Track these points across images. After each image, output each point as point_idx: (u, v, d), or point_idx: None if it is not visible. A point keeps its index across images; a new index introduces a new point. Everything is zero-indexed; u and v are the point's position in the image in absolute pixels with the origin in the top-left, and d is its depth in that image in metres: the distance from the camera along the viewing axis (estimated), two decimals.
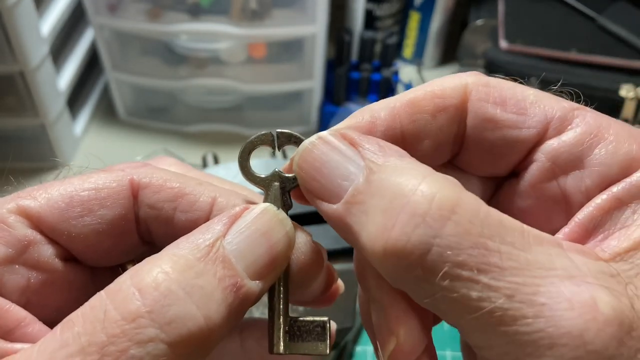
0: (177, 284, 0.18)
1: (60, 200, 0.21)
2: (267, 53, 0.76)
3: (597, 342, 0.16)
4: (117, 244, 0.22)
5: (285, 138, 0.22)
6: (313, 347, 0.21)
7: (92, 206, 0.21)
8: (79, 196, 0.21)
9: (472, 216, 0.17)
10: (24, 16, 0.62)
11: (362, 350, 0.61)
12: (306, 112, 0.82)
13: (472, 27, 0.85)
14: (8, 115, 0.72)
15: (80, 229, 0.21)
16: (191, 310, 0.17)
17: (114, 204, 0.21)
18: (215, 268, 0.19)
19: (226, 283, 0.19)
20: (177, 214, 0.22)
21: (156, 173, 0.22)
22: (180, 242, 0.19)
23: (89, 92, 0.86)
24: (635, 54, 0.77)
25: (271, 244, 0.20)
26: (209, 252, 0.19)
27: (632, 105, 0.73)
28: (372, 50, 0.78)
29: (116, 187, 0.22)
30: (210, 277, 0.18)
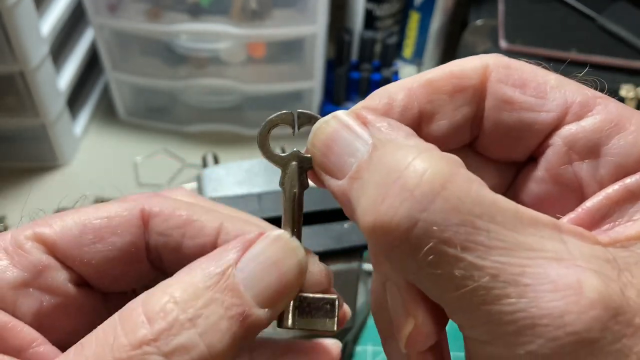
0: (184, 313, 0.18)
1: (74, 227, 0.22)
2: (267, 53, 0.76)
3: (578, 324, 0.16)
4: (128, 270, 0.23)
5: (306, 118, 0.22)
6: (321, 323, 0.21)
7: (104, 234, 0.22)
8: (92, 224, 0.22)
9: (463, 193, 0.17)
10: (24, 16, 0.62)
11: (362, 350, 0.62)
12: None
13: (472, 27, 0.85)
14: (8, 115, 0.72)
15: (92, 255, 0.22)
16: (194, 340, 0.18)
17: (124, 232, 0.22)
18: (224, 297, 0.19)
19: (233, 312, 0.19)
20: (186, 240, 0.23)
21: (166, 202, 0.23)
22: (193, 267, 0.20)
23: (89, 92, 0.86)
24: (635, 54, 0.77)
25: (282, 272, 0.20)
26: (219, 280, 0.19)
27: (632, 105, 0.74)
28: (372, 50, 0.78)
29: (127, 215, 0.23)
30: (217, 307, 0.19)
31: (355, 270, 0.35)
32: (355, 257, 0.35)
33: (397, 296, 0.20)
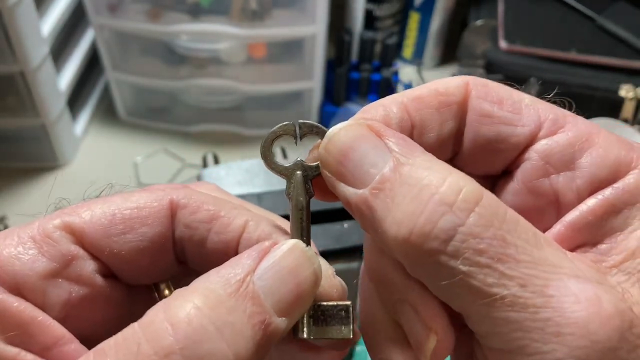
0: (209, 320, 0.18)
1: (103, 217, 0.22)
2: (267, 53, 0.76)
3: (601, 333, 0.18)
4: (155, 262, 0.23)
5: (307, 128, 0.22)
6: (337, 331, 0.22)
7: (134, 224, 0.22)
8: (122, 214, 0.22)
9: (494, 211, 0.19)
10: (24, 16, 0.62)
11: (362, 350, 0.62)
12: (306, 112, 0.82)
13: (472, 27, 0.85)
14: (9, 116, 0.72)
15: (121, 245, 0.22)
16: (222, 348, 0.18)
17: (154, 223, 0.22)
18: (245, 304, 0.19)
19: (255, 320, 0.19)
20: (211, 235, 0.23)
21: (194, 195, 0.23)
22: (211, 275, 0.20)
23: (89, 92, 0.86)
24: (634, 54, 0.77)
25: (298, 281, 0.20)
26: (239, 287, 0.19)
27: (632, 105, 0.74)
28: (372, 50, 0.78)
29: (157, 206, 0.22)
30: (241, 314, 0.19)
31: (356, 270, 0.35)
32: (355, 257, 0.35)
33: (414, 316, 0.21)
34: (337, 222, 0.35)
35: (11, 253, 0.20)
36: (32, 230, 0.21)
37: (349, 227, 0.35)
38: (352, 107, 0.77)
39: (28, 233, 0.21)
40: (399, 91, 0.67)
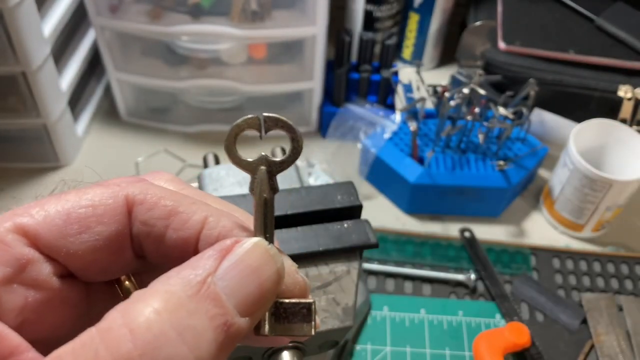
0: (169, 325, 0.17)
1: (57, 217, 0.21)
2: (268, 54, 0.76)
3: None
4: (113, 259, 0.22)
5: (272, 122, 0.22)
6: (298, 328, 0.21)
7: (90, 223, 0.21)
8: (77, 213, 0.21)
9: None
10: (25, 17, 0.63)
11: (362, 348, 0.62)
12: (307, 113, 0.82)
13: (471, 28, 0.86)
14: (10, 116, 0.72)
15: (78, 245, 0.21)
16: (183, 352, 0.17)
17: (110, 221, 0.21)
18: (207, 306, 0.18)
19: (217, 322, 0.18)
20: (169, 231, 0.21)
21: (151, 190, 0.22)
22: (171, 277, 0.19)
23: (90, 92, 0.86)
24: (633, 55, 0.78)
25: (261, 281, 0.20)
26: (200, 289, 0.18)
27: (630, 105, 0.74)
28: (372, 51, 0.79)
29: (112, 203, 0.21)
30: (202, 316, 0.18)
31: (355, 270, 0.35)
32: (355, 257, 0.36)
33: None
34: (337, 222, 0.35)
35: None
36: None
37: (349, 227, 0.35)
38: (352, 108, 0.77)
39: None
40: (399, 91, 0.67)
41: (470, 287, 0.68)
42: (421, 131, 0.76)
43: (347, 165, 0.77)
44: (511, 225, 0.75)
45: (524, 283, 0.68)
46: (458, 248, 0.72)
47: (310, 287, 0.22)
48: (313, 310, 0.21)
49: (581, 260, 0.72)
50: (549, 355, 0.62)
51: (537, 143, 0.76)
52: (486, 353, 0.59)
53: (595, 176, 0.66)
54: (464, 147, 0.74)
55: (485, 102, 0.72)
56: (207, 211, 0.21)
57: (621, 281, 0.69)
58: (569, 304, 0.66)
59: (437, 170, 0.71)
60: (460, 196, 0.72)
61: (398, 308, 0.65)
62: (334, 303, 0.35)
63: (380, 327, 0.64)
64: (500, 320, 0.65)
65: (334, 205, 0.35)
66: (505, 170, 0.72)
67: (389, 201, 0.77)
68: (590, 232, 0.73)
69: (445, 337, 0.64)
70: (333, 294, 0.35)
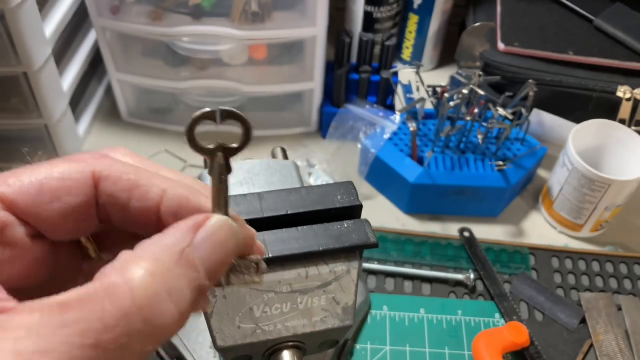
0: (161, 286, 0.21)
1: (31, 187, 0.24)
2: (268, 55, 0.76)
3: None
4: (80, 224, 0.25)
5: (227, 115, 0.25)
6: (250, 279, 0.26)
7: (60, 194, 0.24)
8: (49, 185, 0.24)
9: None
10: (27, 18, 0.63)
11: (361, 348, 0.62)
12: (307, 113, 0.83)
13: (470, 29, 0.86)
14: (12, 116, 0.72)
15: (49, 212, 0.24)
16: (170, 308, 0.21)
17: (78, 192, 0.24)
18: (187, 271, 0.22)
19: (194, 284, 0.22)
20: (132, 202, 0.25)
21: (115, 165, 0.25)
22: (156, 244, 0.23)
23: (91, 93, 0.86)
24: (631, 55, 0.78)
25: (226, 251, 0.24)
26: (181, 257, 0.22)
27: (629, 106, 0.74)
28: (372, 52, 0.79)
29: (80, 178, 0.24)
30: (183, 279, 0.22)
31: (355, 269, 0.36)
32: (355, 257, 0.36)
33: None
34: (337, 221, 0.35)
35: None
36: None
37: (349, 226, 0.35)
38: (352, 108, 0.77)
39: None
40: (399, 92, 0.67)
41: (470, 286, 0.68)
42: (420, 131, 0.77)
43: (347, 165, 0.77)
44: (510, 225, 0.76)
45: (523, 282, 0.68)
46: (457, 248, 0.72)
47: (262, 249, 0.27)
48: (262, 264, 0.26)
49: (580, 260, 0.72)
50: (548, 354, 0.62)
51: (536, 143, 0.76)
52: (485, 352, 0.59)
53: (594, 176, 0.67)
54: (463, 147, 0.74)
55: (484, 103, 0.72)
56: (165, 183, 0.25)
57: (620, 281, 0.70)
58: (568, 304, 0.67)
59: (437, 170, 0.72)
60: (460, 196, 0.73)
61: (397, 307, 0.66)
62: (334, 302, 0.36)
63: (379, 326, 0.64)
64: (500, 320, 0.65)
65: (333, 205, 0.36)
66: (504, 170, 0.72)
67: (389, 201, 0.77)
68: (588, 232, 0.74)
69: (445, 336, 0.64)
70: (333, 293, 0.35)
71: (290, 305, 0.35)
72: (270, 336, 0.35)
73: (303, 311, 0.35)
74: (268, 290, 0.34)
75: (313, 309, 0.35)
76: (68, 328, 0.19)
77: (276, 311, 0.35)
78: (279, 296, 0.34)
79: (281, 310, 0.35)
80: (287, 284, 0.34)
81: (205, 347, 0.54)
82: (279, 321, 0.35)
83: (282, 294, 0.34)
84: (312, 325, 0.35)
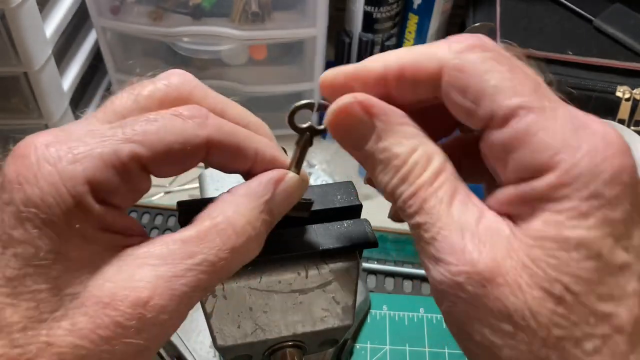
0: (251, 227, 0.27)
1: (161, 151, 0.26)
2: (268, 55, 0.77)
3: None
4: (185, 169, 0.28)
5: (320, 106, 0.30)
6: (302, 213, 0.32)
7: (183, 160, 0.27)
8: (174, 150, 0.26)
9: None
10: (27, 18, 0.63)
11: (361, 347, 0.62)
12: (307, 113, 0.83)
13: (470, 29, 0.86)
14: (12, 116, 0.73)
15: (168, 171, 0.27)
16: (254, 244, 0.27)
17: (195, 157, 0.27)
18: (266, 217, 0.28)
19: (268, 225, 0.28)
20: (230, 162, 0.29)
21: (223, 128, 0.28)
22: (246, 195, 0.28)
23: (92, 93, 0.87)
24: (631, 56, 0.78)
25: (293, 201, 0.30)
26: (264, 206, 0.28)
27: (628, 106, 0.74)
28: (372, 52, 0.79)
29: (198, 143, 0.26)
30: (264, 223, 0.28)
31: (355, 269, 0.36)
32: (355, 257, 0.36)
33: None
34: (337, 221, 0.36)
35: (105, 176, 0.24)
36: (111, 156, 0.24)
37: (349, 226, 0.35)
38: None
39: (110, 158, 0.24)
40: None
41: None
42: None
43: (347, 165, 0.77)
44: None
45: None
46: None
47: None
48: (310, 205, 0.33)
49: None
50: None
51: None
52: None
53: None
54: None
55: None
56: (257, 142, 0.29)
57: None
58: None
59: None
60: None
61: (397, 307, 0.66)
62: (334, 302, 0.36)
63: (379, 325, 0.64)
64: None
65: (333, 205, 0.36)
66: None
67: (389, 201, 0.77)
68: None
69: (445, 335, 0.64)
70: (333, 293, 0.35)
71: (290, 304, 0.35)
72: (270, 336, 0.35)
73: (303, 311, 0.35)
74: (268, 290, 0.34)
75: (313, 308, 0.35)
76: (192, 259, 0.24)
77: (276, 311, 0.35)
78: (278, 296, 0.34)
79: (281, 309, 0.35)
80: (287, 284, 0.34)
81: (205, 347, 0.54)
82: (279, 321, 0.35)
83: (282, 293, 0.34)
84: (312, 324, 0.36)
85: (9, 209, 0.23)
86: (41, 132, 0.25)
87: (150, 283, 0.23)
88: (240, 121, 0.30)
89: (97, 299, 0.23)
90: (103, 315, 0.22)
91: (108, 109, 0.27)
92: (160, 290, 0.23)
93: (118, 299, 0.23)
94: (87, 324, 0.22)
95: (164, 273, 0.24)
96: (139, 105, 0.27)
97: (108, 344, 0.22)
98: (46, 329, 0.22)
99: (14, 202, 0.23)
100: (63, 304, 0.23)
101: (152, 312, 0.23)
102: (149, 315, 0.23)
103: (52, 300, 0.23)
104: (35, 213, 0.22)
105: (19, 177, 0.23)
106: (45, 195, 0.23)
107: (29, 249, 0.22)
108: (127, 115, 0.27)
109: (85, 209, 0.23)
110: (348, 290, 0.36)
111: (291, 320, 0.35)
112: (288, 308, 0.35)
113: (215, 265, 0.25)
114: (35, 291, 0.22)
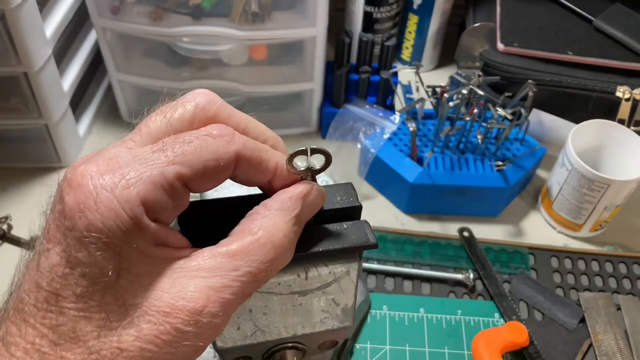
0: (287, 240, 0.30)
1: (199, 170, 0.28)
2: (268, 55, 0.77)
3: None
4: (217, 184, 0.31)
5: (314, 150, 0.31)
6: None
7: (217, 175, 0.29)
8: (209, 168, 0.28)
9: None
10: (27, 18, 0.63)
11: (361, 347, 0.62)
12: (307, 113, 0.83)
13: (470, 29, 0.86)
14: (12, 116, 0.73)
15: (203, 187, 0.29)
16: (289, 254, 0.30)
17: (226, 173, 0.30)
18: (297, 228, 0.31)
19: (298, 234, 0.31)
20: (253, 175, 0.31)
21: (247, 144, 0.30)
22: (280, 210, 0.30)
23: (92, 93, 0.87)
24: (631, 56, 0.78)
25: (316, 210, 0.33)
26: (296, 220, 0.31)
27: (628, 106, 0.74)
28: (372, 52, 0.79)
29: (229, 159, 0.29)
30: (295, 234, 0.31)
31: (355, 270, 0.36)
32: (354, 258, 0.36)
33: None
34: (337, 222, 0.36)
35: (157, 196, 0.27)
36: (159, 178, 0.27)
37: (348, 227, 0.35)
38: (352, 109, 0.78)
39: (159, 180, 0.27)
40: (398, 92, 0.68)
41: (469, 286, 0.68)
42: (420, 132, 0.77)
43: (347, 165, 0.77)
44: (510, 224, 0.76)
45: (523, 282, 0.69)
46: (457, 247, 0.72)
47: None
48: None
49: (579, 260, 0.72)
50: (547, 354, 0.62)
51: (535, 143, 0.76)
52: (485, 352, 0.59)
53: (593, 176, 0.67)
54: (462, 148, 0.74)
55: (483, 103, 0.72)
56: (277, 156, 0.32)
57: (619, 280, 0.70)
58: (567, 303, 0.67)
59: (436, 171, 0.72)
60: (459, 196, 0.73)
61: (397, 307, 0.66)
62: (334, 304, 0.36)
63: (379, 326, 0.64)
64: (499, 319, 0.66)
65: (333, 206, 0.36)
66: (504, 171, 0.72)
67: (388, 201, 0.77)
68: (588, 232, 0.74)
69: (444, 336, 0.64)
70: (332, 294, 0.35)
71: (290, 306, 0.35)
72: (270, 337, 0.35)
73: (303, 312, 0.35)
74: (268, 292, 0.34)
75: (313, 310, 0.35)
76: (237, 271, 0.27)
77: (276, 313, 0.35)
78: (278, 297, 0.34)
79: (281, 311, 0.35)
80: (286, 285, 0.34)
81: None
82: (278, 322, 0.35)
83: (282, 295, 0.34)
84: (311, 326, 0.36)
85: (72, 234, 0.25)
86: (90, 161, 0.27)
87: (203, 293, 0.27)
88: (260, 137, 0.32)
89: (158, 309, 0.26)
90: (165, 323, 0.26)
91: (143, 131, 0.29)
92: (213, 299, 0.27)
93: (177, 308, 0.26)
94: (151, 330, 0.26)
95: (214, 284, 0.27)
96: (172, 127, 0.30)
97: (170, 347, 0.26)
98: (117, 336, 0.26)
99: (77, 228, 0.25)
100: (128, 313, 0.26)
101: (207, 318, 0.26)
102: (204, 321, 0.26)
103: (119, 311, 0.26)
104: (98, 237, 0.25)
105: (79, 205, 0.25)
106: (105, 220, 0.25)
107: (94, 270, 0.25)
108: (161, 136, 0.29)
109: (142, 228, 0.26)
110: (348, 292, 0.36)
111: (291, 322, 0.35)
112: (288, 310, 0.35)
113: (256, 275, 0.28)
114: (103, 304, 0.25)
